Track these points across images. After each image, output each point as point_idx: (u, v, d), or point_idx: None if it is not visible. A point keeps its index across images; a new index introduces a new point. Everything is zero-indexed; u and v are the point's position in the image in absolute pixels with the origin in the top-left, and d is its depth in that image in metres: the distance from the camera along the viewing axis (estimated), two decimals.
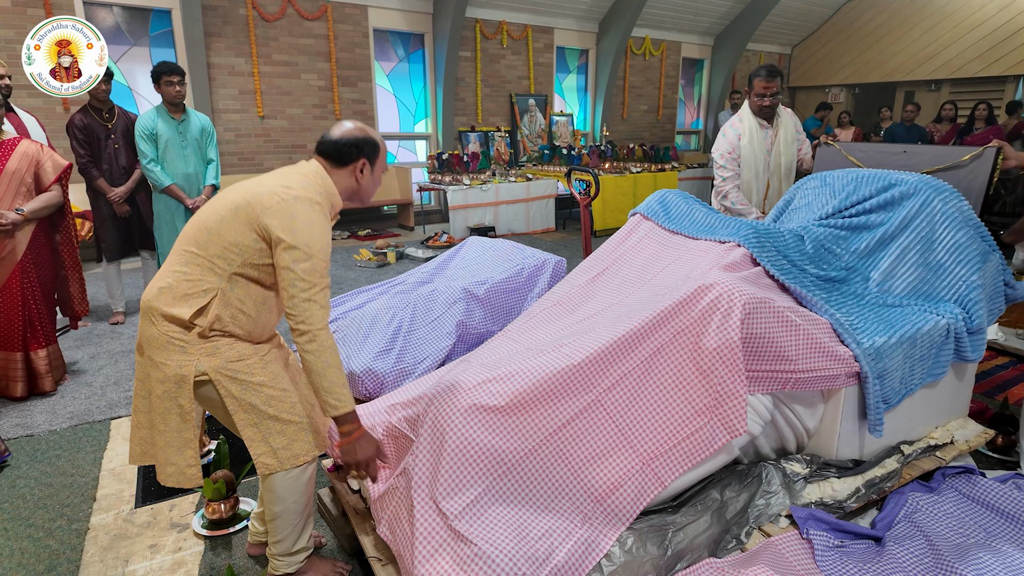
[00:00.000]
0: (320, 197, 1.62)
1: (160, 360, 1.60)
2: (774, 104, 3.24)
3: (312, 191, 1.60)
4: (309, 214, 1.55)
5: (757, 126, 3.31)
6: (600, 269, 2.31)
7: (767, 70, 3.19)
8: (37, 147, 3.14)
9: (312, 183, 1.63)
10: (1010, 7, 9.84)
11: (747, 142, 3.32)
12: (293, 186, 1.58)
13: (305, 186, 1.60)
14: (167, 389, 1.60)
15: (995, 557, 1.67)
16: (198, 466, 1.67)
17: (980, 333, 2.11)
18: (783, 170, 3.32)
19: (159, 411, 1.63)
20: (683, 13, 10.61)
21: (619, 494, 1.61)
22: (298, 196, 1.56)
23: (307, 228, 1.54)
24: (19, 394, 3.17)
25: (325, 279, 1.58)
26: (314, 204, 1.57)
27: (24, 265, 3.14)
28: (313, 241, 1.54)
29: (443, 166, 7.95)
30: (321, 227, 1.57)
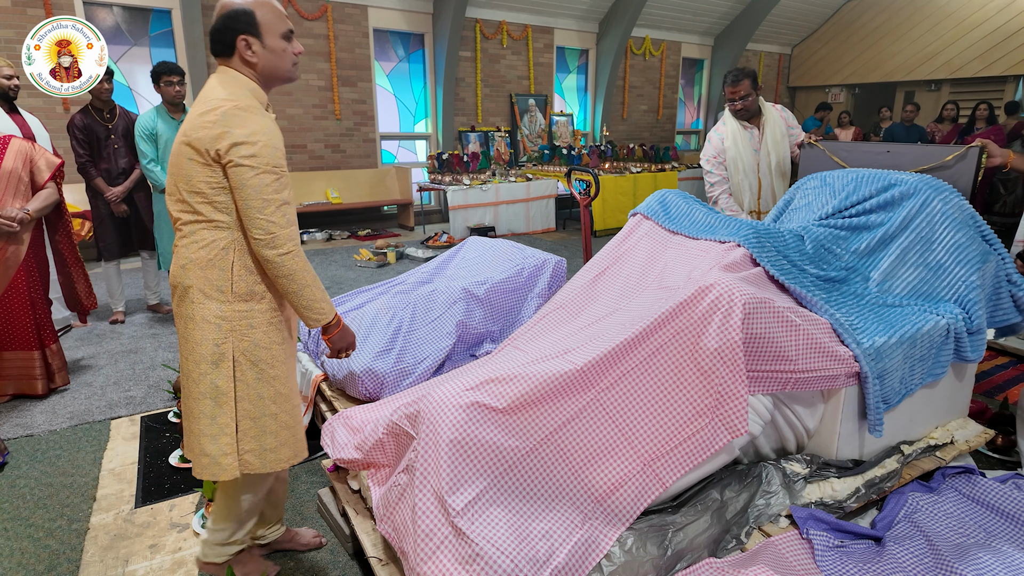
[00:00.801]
0: (243, 100, 1.52)
1: (196, 339, 1.58)
2: (748, 106, 3.23)
3: (234, 97, 1.51)
4: (243, 118, 1.48)
5: (740, 128, 3.30)
6: (601, 269, 2.31)
7: (732, 75, 3.19)
8: (29, 145, 3.13)
9: (227, 92, 1.53)
10: (1010, 7, 9.84)
11: (731, 144, 3.32)
12: (214, 106, 1.49)
13: (223, 99, 1.51)
14: (203, 371, 1.59)
15: (995, 557, 1.67)
16: (234, 455, 1.63)
17: (980, 333, 2.11)
18: (774, 168, 3.30)
19: (194, 396, 1.61)
20: (683, 13, 10.61)
21: (620, 494, 1.61)
22: (225, 111, 1.48)
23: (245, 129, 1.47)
24: (40, 391, 3.19)
25: (283, 192, 1.53)
26: (240, 109, 1.49)
27: (28, 265, 3.14)
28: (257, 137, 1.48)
29: (443, 166, 7.95)
30: (262, 126, 1.50)
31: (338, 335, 1.72)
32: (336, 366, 2.54)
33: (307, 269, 1.58)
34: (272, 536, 2.04)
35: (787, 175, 3.36)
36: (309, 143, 7.72)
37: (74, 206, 5.86)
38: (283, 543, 2.08)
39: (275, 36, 1.58)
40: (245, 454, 1.65)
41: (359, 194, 8.05)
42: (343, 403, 2.51)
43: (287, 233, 1.53)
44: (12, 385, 3.17)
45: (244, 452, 1.65)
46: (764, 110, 3.29)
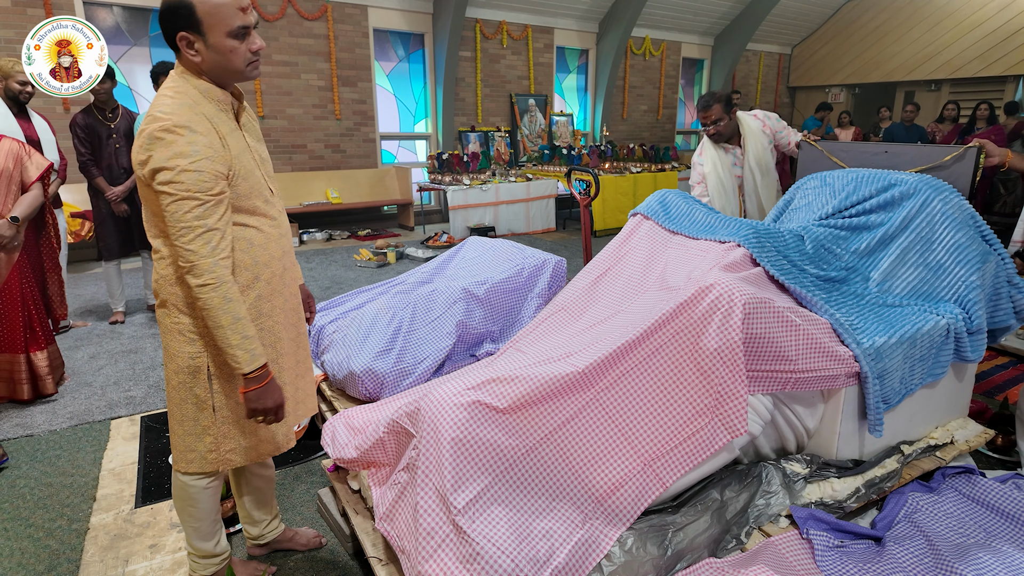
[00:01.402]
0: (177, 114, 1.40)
1: (173, 351, 1.59)
2: (721, 130, 3.13)
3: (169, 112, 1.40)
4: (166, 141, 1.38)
5: (720, 151, 3.23)
6: (603, 270, 2.31)
7: (703, 100, 3.12)
8: (18, 144, 3.13)
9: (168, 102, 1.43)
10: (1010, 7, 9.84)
11: (711, 169, 3.25)
12: (144, 126, 1.41)
13: (156, 114, 1.40)
14: (181, 380, 1.60)
15: (995, 557, 1.67)
16: (219, 451, 1.66)
17: (980, 333, 2.11)
18: (759, 184, 3.20)
19: (176, 400, 1.63)
20: (683, 13, 10.61)
21: (620, 494, 1.61)
22: (149, 133, 1.39)
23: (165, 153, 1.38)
24: (26, 397, 3.18)
25: (210, 218, 1.42)
26: (165, 130, 1.38)
27: (21, 266, 3.14)
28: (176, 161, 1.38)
29: (443, 166, 7.95)
30: (186, 148, 1.38)
31: (255, 392, 1.51)
32: (336, 366, 2.54)
33: (226, 309, 1.44)
34: (271, 535, 2.05)
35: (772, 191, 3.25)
36: (309, 143, 7.72)
37: (74, 206, 5.86)
38: (283, 543, 2.08)
39: (220, 34, 1.42)
40: (228, 453, 1.67)
41: (359, 194, 8.05)
42: (343, 403, 2.51)
43: (207, 264, 1.41)
44: (3, 387, 3.17)
45: (227, 451, 1.67)
46: (743, 126, 3.17)
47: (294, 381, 1.80)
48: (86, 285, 5.44)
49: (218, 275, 1.43)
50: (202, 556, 1.82)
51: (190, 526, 1.78)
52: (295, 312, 1.80)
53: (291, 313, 1.77)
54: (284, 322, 1.72)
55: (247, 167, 1.55)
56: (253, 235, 1.58)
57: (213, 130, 1.46)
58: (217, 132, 1.47)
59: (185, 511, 1.76)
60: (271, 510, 2.04)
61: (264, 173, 1.65)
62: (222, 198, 1.45)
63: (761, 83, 12.95)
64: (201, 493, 1.73)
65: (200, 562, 1.83)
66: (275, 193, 1.69)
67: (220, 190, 1.44)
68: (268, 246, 1.62)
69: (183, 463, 1.67)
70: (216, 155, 1.43)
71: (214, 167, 1.42)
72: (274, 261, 1.64)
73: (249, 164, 1.56)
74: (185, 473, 1.69)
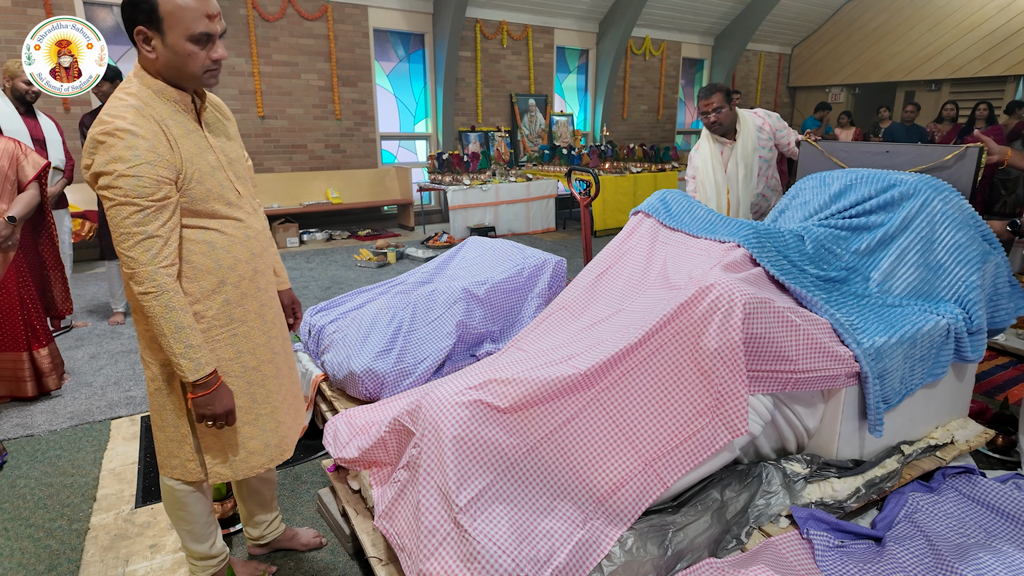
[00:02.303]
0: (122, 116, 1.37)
1: (148, 358, 1.58)
2: (720, 119, 3.14)
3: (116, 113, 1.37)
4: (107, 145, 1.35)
5: (713, 145, 3.25)
6: (604, 268, 2.31)
7: (705, 89, 3.16)
8: (14, 144, 3.13)
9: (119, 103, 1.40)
10: (1010, 7, 9.84)
11: (701, 163, 3.30)
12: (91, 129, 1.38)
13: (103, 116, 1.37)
14: (158, 386, 1.58)
15: (995, 557, 1.67)
16: (196, 461, 1.65)
17: (980, 333, 2.11)
18: (740, 181, 3.22)
19: (155, 406, 1.62)
20: (683, 13, 10.61)
21: (621, 494, 1.61)
22: (93, 136, 1.36)
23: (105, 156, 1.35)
24: (31, 394, 3.19)
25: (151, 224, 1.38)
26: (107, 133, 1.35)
27: (18, 265, 3.14)
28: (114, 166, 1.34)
29: (443, 166, 7.95)
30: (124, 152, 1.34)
31: (203, 398, 1.48)
32: (336, 366, 2.54)
33: (167, 317, 1.40)
34: (271, 536, 2.05)
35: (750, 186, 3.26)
36: (309, 143, 7.72)
37: (75, 206, 5.86)
38: (283, 543, 2.08)
39: (180, 36, 1.36)
40: (214, 465, 1.64)
41: (359, 194, 8.05)
42: (343, 403, 2.51)
43: (147, 271, 1.37)
44: (2, 387, 3.17)
45: (212, 464, 1.63)
46: (741, 122, 3.19)
47: (280, 390, 1.75)
48: (87, 285, 5.44)
49: (159, 283, 1.39)
50: (199, 558, 1.81)
51: (183, 529, 1.77)
52: (274, 318, 1.73)
53: (268, 319, 1.70)
54: (260, 328, 1.66)
55: (204, 169, 1.50)
56: (215, 238, 1.53)
57: (160, 133, 1.41)
58: (167, 135, 1.42)
59: (175, 515, 1.75)
60: (272, 511, 2.04)
61: (232, 174, 1.59)
62: (165, 204, 1.40)
63: (761, 83, 12.95)
64: (189, 497, 1.71)
65: (198, 564, 1.82)
66: (245, 194, 1.64)
67: (163, 195, 1.39)
68: (232, 249, 1.56)
69: (167, 468, 1.66)
70: (159, 160, 1.38)
71: (156, 172, 1.37)
72: (240, 264, 1.58)
73: (208, 166, 1.51)
74: (171, 478, 1.68)
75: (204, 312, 1.53)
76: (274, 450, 1.73)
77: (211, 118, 1.61)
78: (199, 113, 1.55)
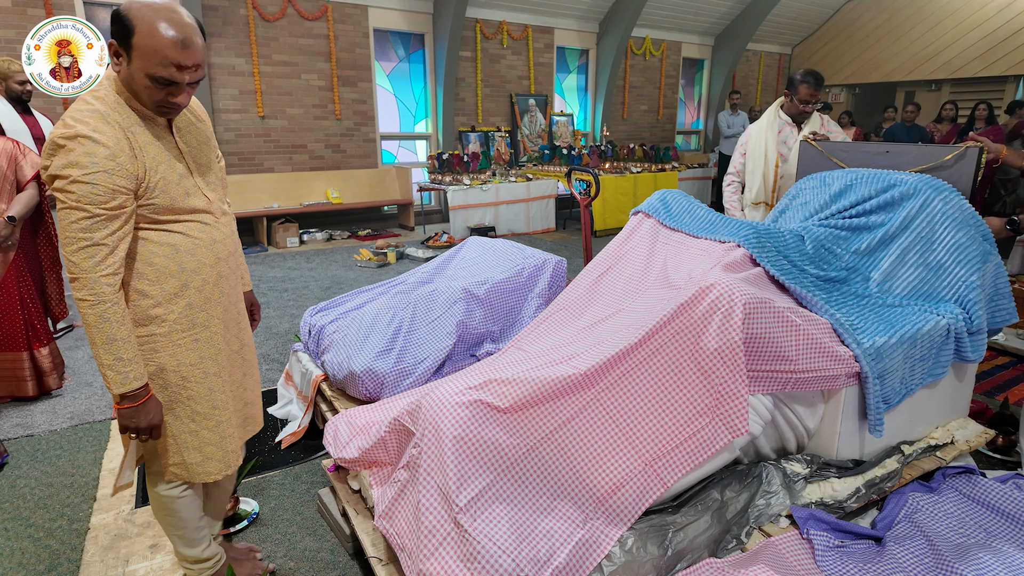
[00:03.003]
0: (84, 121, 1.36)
1: None
2: (810, 111, 3.35)
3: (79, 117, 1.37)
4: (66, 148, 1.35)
5: (779, 121, 3.41)
6: (604, 268, 2.31)
7: (815, 78, 3.28)
8: (12, 144, 3.13)
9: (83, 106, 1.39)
10: (1010, 7, 9.84)
11: (756, 132, 3.46)
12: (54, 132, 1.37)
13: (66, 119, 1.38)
14: None
15: (995, 557, 1.67)
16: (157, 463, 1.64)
17: (980, 333, 2.11)
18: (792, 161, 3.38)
19: None
20: (683, 13, 10.61)
21: (621, 495, 1.61)
22: (52, 138, 1.36)
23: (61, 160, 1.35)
24: (31, 393, 3.19)
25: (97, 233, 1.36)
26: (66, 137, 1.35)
27: (18, 265, 3.14)
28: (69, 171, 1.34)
29: (443, 166, 7.95)
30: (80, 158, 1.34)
31: (128, 411, 1.45)
32: (336, 366, 2.54)
33: (100, 327, 1.38)
34: None
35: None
36: (309, 143, 7.72)
37: None
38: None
39: (141, 69, 1.37)
40: (171, 467, 1.62)
41: (359, 194, 8.05)
42: (343, 403, 2.51)
43: (87, 279, 1.36)
44: (3, 387, 3.17)
45: (170, 465, 1.62)
46: (812, 117, 3.40)
47: (242, 395, 1.74)
48: None
49: (97, 292, 1.37)
50: (193, 562, 1.79)
51: (173, 535, 1.74)
52: (236, 322, 1.72)
53: (232, 323, 1.69)
54: (224, 333, 1.65)
55: (170, 178, 1.48)
56: (179, 240, 1.52)
57: (124, 141, 1.39)
58: (131, 143, 1.41)
59: (164, 520, 1.73)
60: (219, 526, 1.97)
61: (202, 180, 1.59)
62: (118, 213, 1.38)
63: (761, 83, 12.95)
64: (177, 502, 1.69)
65: (193, 568, 1.80)
66: (214, 199, 1.62)
67: (117, 205, 1.38)
68: (197, 252, 1.55)
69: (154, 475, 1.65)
70: (118, 169, 1.37)
71: (113, 181, 1.36)
72: (205, 268, 1.57)
73: (175, 174, 1.50)
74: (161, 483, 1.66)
75: (166, 316, 1.51)
76: (231, 455, 1.70)
77: (183, 122, 1.59)
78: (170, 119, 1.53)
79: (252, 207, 7.20)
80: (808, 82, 3.26)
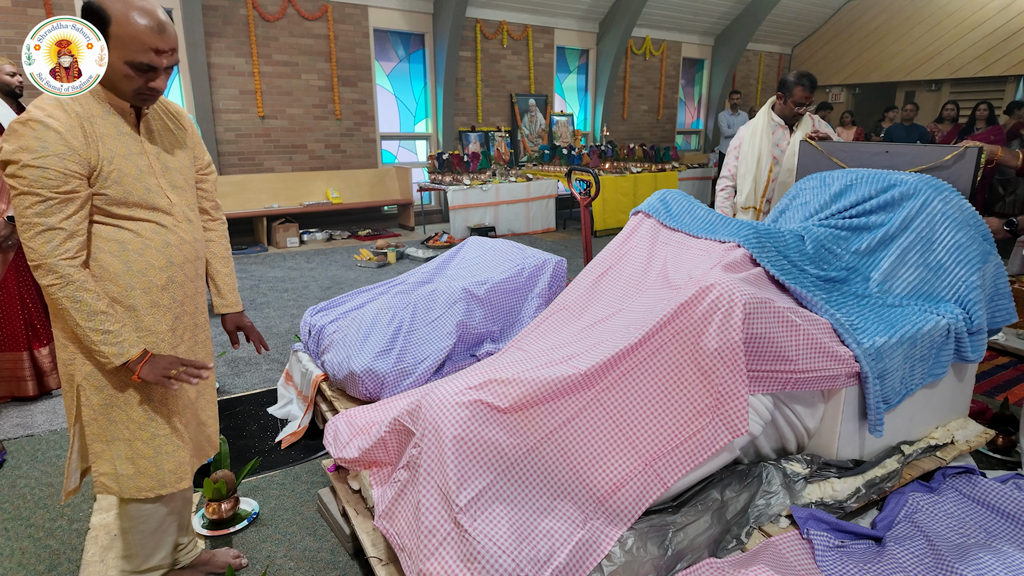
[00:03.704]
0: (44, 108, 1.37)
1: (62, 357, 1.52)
2: (803, 113, 3.36)
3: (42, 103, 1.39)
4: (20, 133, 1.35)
5: (772, 123, 3.40)
6: (604, 268, 2.31)
7: (810, 80, 3.29)
8: None
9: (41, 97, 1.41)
10: (1010, 7, 9.84)
11: (749, 135, 3.45)
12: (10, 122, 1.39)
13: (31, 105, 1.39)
14: (63, 388, 1.55)
15: (995, 557, 1.67)
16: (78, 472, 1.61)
17: (980, 334, 2.11)
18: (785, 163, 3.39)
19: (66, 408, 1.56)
20: (683, 13, 10.61)
21: (621, 495, 1.61)
22: (12, 123, 1.37)
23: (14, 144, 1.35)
24: (32, 393, 3.19)
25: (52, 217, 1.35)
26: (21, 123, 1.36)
27: (18, 264, 3.14)
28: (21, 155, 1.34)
29: (443, 166, 7.95)
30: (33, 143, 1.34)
31: (145, 370, 1.45)
32: (336, 366, 2.54)
33: (77, 308, 1.38)
34: (186, 560, 1.93)
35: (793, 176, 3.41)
36: (309, 143, 7.72)
37: None
38: (199, 566, 1.96)
39: (120, 57, 1.39)
40: (100, 476, 1.55)
41: (359, 194, 8.05)
42: (343, 403, 2.51)
43: (49, 263, 1.35)
44: (3, 387, 3.17)
45: (99, 474, 1.55)
46: (802, 118, 3.41)
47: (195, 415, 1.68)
48: None
49: (63, 274, 1.36)
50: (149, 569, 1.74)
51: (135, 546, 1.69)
52: (193, 335, 1.66)
53: (186, 335, 1.63)
54: (170, 342, 1.58)
55: (128, 171, 1.46)
56: (128, 238, 1.48)
57: (78, 128, 1.39)
58: (85, 130, 1.40)
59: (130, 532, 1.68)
60: (187, 533, 1.91)
61: (166, 181, 1.56)
62: (72, 197, 1.37)
63: (761, 83, 12.94)
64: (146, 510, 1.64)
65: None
66: (179, 203, 1.58)
67: (71, 189, 1.37)
68: (146, 253, 1.51)
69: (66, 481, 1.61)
70: (70, 153, 1.36)
71: (64, 165, 1.35)
72: (152, 271, 1.52)
73: (135, 169, 1.48)
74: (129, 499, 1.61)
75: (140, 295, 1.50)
76: (167, 475, 1.61)
77: (158, 126, 1.57)
78: (138, 118, 1.52)
79: (252, 207, 7.20)
80: (803, 84, 3.27)
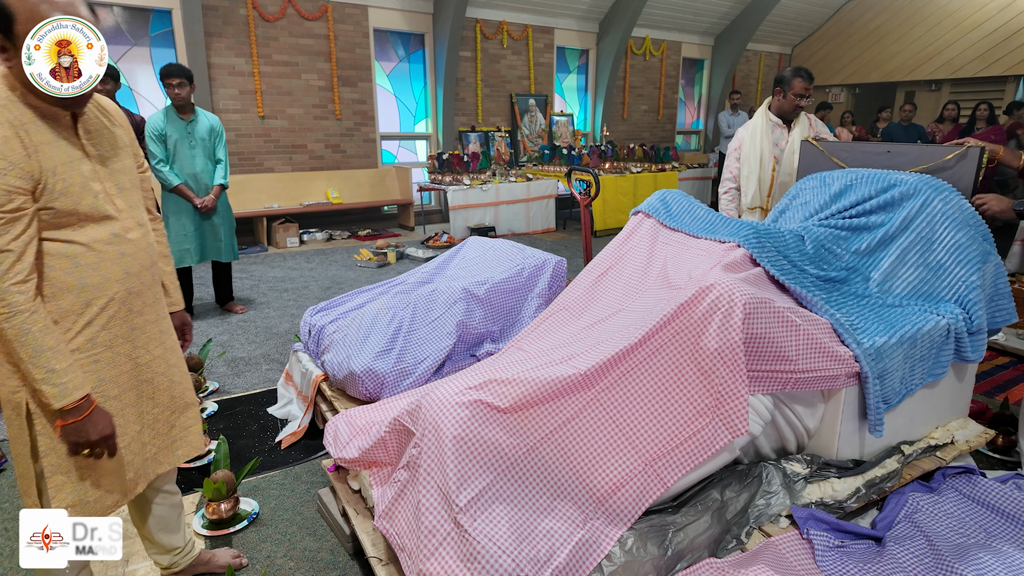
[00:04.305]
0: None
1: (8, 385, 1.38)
2: (804, 106, 3.36)
3: None
4: None
5: (771, 123, 3.41)
6: (604, 268, 2.31)
7: (807, 72, 3.30)
8: None
9: None
10: (1010, 7, 9.84)
11: (749, 136, 3.44)
12: None
13: None
14: (9, 416, 1.40)
15: (995, 557, 1.67)
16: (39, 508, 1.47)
17: (980, 334, 2.11)
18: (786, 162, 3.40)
19: (10, 439, 1.44)
20: (683, 13, 10.61)
21: (621, 495, 1.61)
22: None
23: None
24: None
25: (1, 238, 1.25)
26: None
27: None
28: None
29: (443, 166, 7.95)
30: None
31: (74, 425, 1.34)
32: (336, 366, 2.54)
33: (23, 341, 1.27)
34: (184, 563, 1.91)
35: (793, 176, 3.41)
36: (309, 143, 7.72)
37: None
38: (198, 567, 1.95)
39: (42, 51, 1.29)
40: (67, 509, 1.43)
41: (359, 194, 8.05)
42: (343, 403, 2.51)
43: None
44: None
45: (67, 508, 1.43)
46: (800, 116, 3.42)
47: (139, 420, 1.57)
48: None
49: (9, 303, 1.25)
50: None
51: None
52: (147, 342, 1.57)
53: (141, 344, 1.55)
54: (128, 354, 1.51)
55: (73, 180, 1.37)
56: (80, 253, 1.39)
57: (15, 139, 1.29)
58: (23, 141, 1.30)
59: None
60: (181, 537, 1.87)
61: (112, 185, 1.48)
62: (18, 216, 1.27)
63: (761, 83, 12.94)
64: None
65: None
66: (126, 207, 1.50)
67: (16, 207, 1.27)
68: (102, 267, 1.42)
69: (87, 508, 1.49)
70: (11, 168, 1.26)
71: (6, 181, 1.26)
72: (111, 284, 1.44)
73: (79, 177, 1.39)
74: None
75: (63, 335, 1.38)
76: (129, 484, 1.56)
77: (94, 124, 1.48)
78: (75, 119, 1.43)
79: (252, 207, 7.20)
80: (802, 75, 3.29)
